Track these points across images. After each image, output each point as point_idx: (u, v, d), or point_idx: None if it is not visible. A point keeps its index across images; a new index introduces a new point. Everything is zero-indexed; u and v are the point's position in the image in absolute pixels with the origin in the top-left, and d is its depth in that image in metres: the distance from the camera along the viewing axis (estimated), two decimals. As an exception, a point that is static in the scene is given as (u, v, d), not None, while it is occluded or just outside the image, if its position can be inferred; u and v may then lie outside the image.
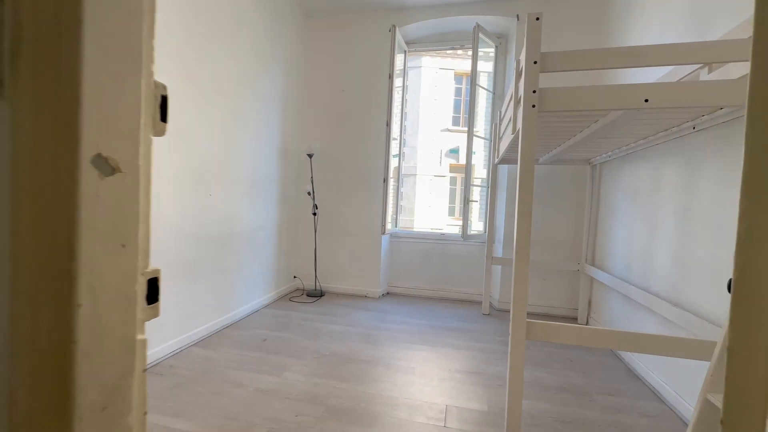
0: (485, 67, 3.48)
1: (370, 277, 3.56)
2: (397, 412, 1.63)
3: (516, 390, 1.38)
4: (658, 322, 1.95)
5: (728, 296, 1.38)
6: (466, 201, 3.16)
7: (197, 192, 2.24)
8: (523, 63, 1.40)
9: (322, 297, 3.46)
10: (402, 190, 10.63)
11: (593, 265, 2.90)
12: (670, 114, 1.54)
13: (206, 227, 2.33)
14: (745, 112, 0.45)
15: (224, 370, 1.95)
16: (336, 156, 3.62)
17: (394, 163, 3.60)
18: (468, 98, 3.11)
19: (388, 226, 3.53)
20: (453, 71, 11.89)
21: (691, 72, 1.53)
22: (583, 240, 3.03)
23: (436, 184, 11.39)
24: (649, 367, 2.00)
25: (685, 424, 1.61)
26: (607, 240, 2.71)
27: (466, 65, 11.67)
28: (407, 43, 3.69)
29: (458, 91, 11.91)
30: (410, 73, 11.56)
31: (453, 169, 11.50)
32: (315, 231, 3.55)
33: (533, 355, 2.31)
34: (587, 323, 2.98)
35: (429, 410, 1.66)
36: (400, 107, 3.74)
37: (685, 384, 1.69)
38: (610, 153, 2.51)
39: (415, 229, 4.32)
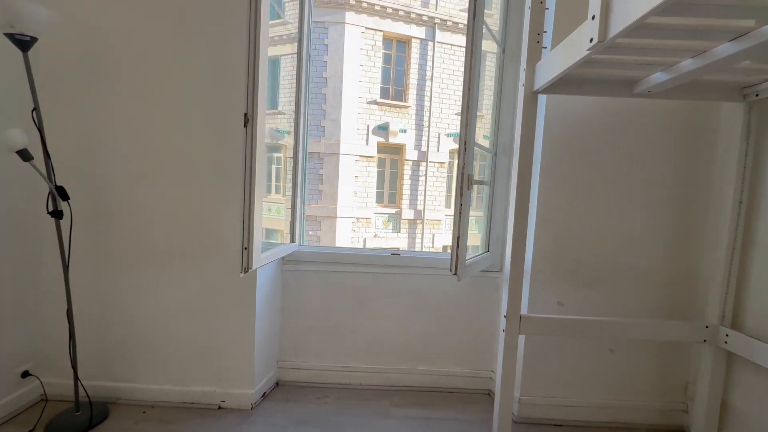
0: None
1: (228, 360, 1.49)
2: None
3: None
4: None
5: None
6: (462, 189, 1.24)
7: None
8: None
9: (100, 425, 1.31)
10: (322, 171, 8.33)
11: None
12: None
13: None
14: None
15: None
16: (105, 52, 1.42)
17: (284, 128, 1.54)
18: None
19: (256, 248, 1.41)
20: (382, 33, 10.13)
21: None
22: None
23: (362, 166, 9.46)
24: None
25: None
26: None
27: (396, 27, 9.85)
28: None
29: (387, 58, 10.18)
30: (331, 30, 9.49)
31: (382, 148, 9.71)
32: (65, 258, 1.34)
33: None
34: None
35: None
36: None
37: None
38: None
39: (337, 245, 2.31)
